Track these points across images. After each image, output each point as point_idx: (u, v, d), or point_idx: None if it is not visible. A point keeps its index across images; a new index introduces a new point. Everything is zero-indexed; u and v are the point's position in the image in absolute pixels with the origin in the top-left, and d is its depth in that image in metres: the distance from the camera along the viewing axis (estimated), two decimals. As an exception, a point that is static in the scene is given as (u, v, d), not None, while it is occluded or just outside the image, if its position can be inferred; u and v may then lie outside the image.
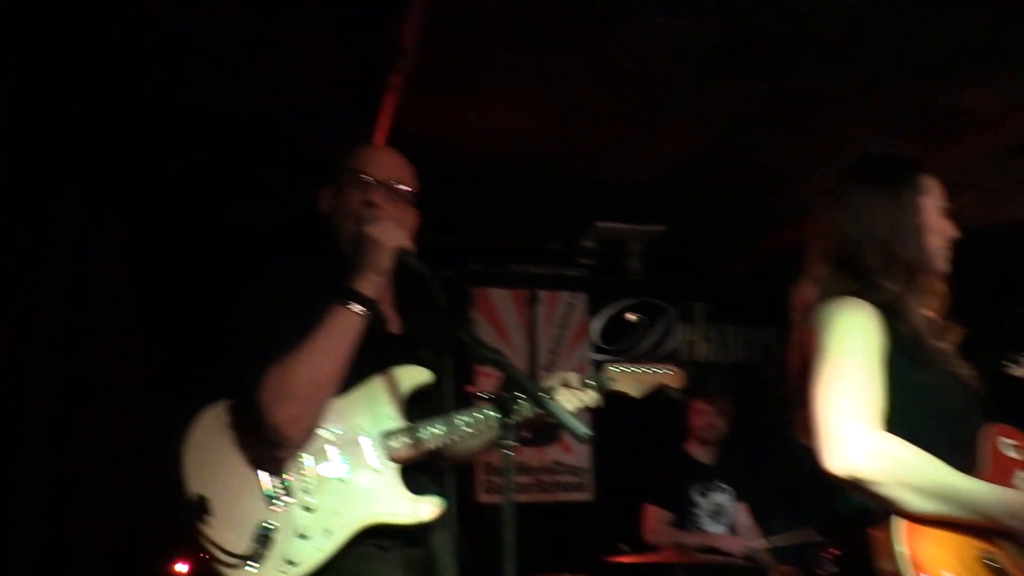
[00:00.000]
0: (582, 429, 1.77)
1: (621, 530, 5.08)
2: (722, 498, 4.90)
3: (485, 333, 5.49)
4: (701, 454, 5.00)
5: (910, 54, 3.41)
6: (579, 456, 5.60)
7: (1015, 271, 5.38)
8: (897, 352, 1.86)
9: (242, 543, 1.92)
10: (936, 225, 2.00)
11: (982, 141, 4.16)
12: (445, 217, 5.08)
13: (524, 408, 1.97)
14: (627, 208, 5.17)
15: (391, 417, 2.14)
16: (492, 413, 2.17)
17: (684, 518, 4.81)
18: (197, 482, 1.98)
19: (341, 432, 2.09)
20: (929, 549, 1.69)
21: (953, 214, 2.05)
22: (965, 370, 1.94)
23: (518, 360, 5.53)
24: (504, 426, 1.85)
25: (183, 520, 1.95)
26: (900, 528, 1.70)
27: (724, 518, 4.89)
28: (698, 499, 4.83)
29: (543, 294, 5.76)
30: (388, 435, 2.11)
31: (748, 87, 3.67)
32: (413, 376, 2.19)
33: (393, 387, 2.16)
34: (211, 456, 2.02)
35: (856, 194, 2.04)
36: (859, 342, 1.85)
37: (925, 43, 3.33)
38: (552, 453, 5.54)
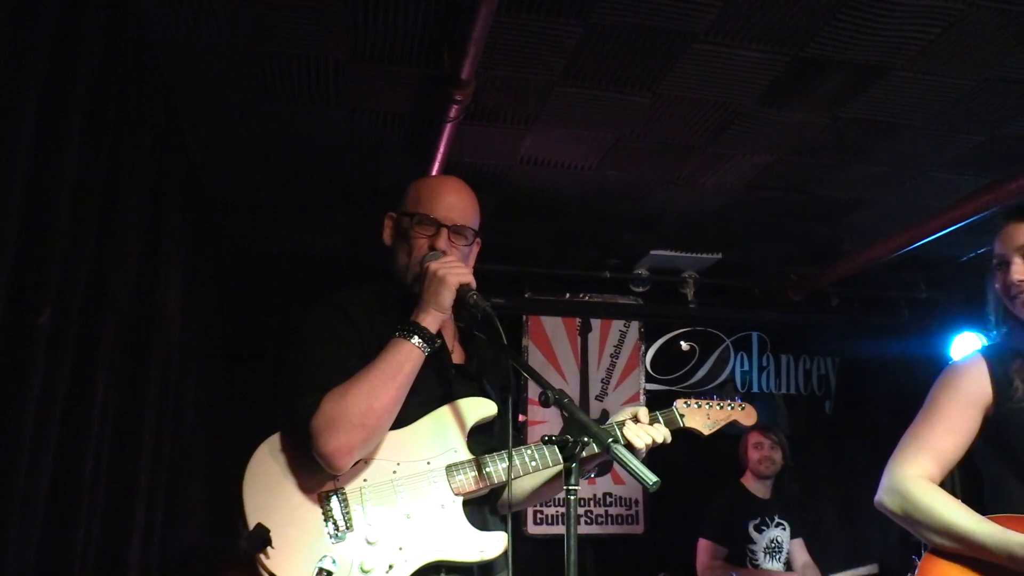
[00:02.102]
0: (651, 478, 1.72)
1: (671, 564, 4.99)
2: (779, 533, 4.79)
3: (537, 361, 5.45)
4: (757, 488, 4.89)
5: (981, 84, 3.31)
6: (630, 488, 5.51)
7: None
8: (1012, 401, 2.04)
9: None
10: None
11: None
12: (498, 245, 5.07)
13: (589, 451, 1.93)
14: (683, 236, 5.10)
15: (456, 450, 2.11)
16: (556, 452, 2.13)
17: (739, 554, 4.70)
18: (259, 512, 1.97)
19: (406, 464, 2.07)
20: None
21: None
22: None
23: (570, 389, 5.47)
24: (568, 470, 1.81)
25: (244, 551, 1.94)
26: (925, 559, 2.04)
27: (780, 554, 4.77)
28: (754, 535, 4.73)
29: (596, 322, 5.71)
30: (453, 468, 2.09)
31: (811, 116, 3.60)
32: (479, 408, 2.17)
33: (459, 419, 2.14)
34: (274, 486, 2.01)
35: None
36: (948, 401, 2.11)
37: (997, 73, 3.23)
38: (603, 484, 5.46)
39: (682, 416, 2.41)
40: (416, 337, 2.01)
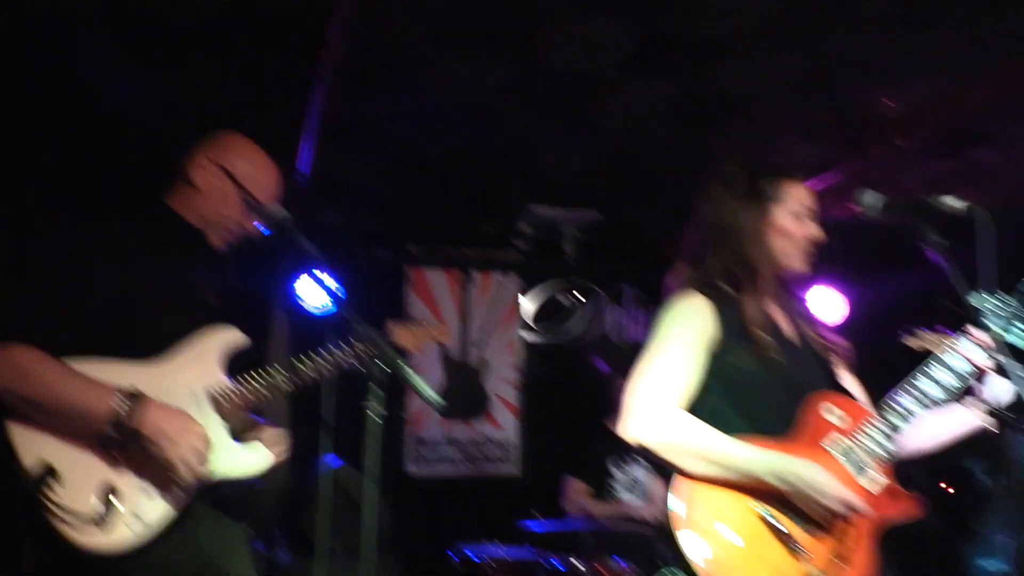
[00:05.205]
0: (435, 398, 1.97)
1: (543, 502, 5.26)
2: (639, 472, 5.08)
3: (420, 313, 5.65)
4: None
5: (821, 59, 3.56)
6: (507, 432, 5.78)
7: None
8: (729, 341, 2.09)
9: (88, 504, 1.95)
10: (789, 229, 2.16)
11: (893, 143, 4.31)
12: (383, 201, 5.21)
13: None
14: (561, 194, 5.31)
15: (212, 375, 2.22)
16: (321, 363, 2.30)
17: (602, 489, 4.99)
18: (32, 449, 1.96)
19: (171, 391, 2.13)
20: (704, 505, 1.93)
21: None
22: (810, 353, 2.17)
23: (452, 339, 5.70)
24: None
25: (27, 492, 1.92)
26: (679, 486, 1.95)
27: (639, 489, 5.07)
28: (615, 472, 5.01)
29: (477, 275, 5.89)
30: (214, 392, 2.20)
31: (667, 87, 3.84)
32: (230, 336, 2.28)
33: (216, 345, 2.25)
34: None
35: (716, 197, 2.22)
36: (679, 331, 2.09)
37: (836, 49, 3.49)
38: (480, 427, 5.70)
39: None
40: (114, 430, 1.98)
